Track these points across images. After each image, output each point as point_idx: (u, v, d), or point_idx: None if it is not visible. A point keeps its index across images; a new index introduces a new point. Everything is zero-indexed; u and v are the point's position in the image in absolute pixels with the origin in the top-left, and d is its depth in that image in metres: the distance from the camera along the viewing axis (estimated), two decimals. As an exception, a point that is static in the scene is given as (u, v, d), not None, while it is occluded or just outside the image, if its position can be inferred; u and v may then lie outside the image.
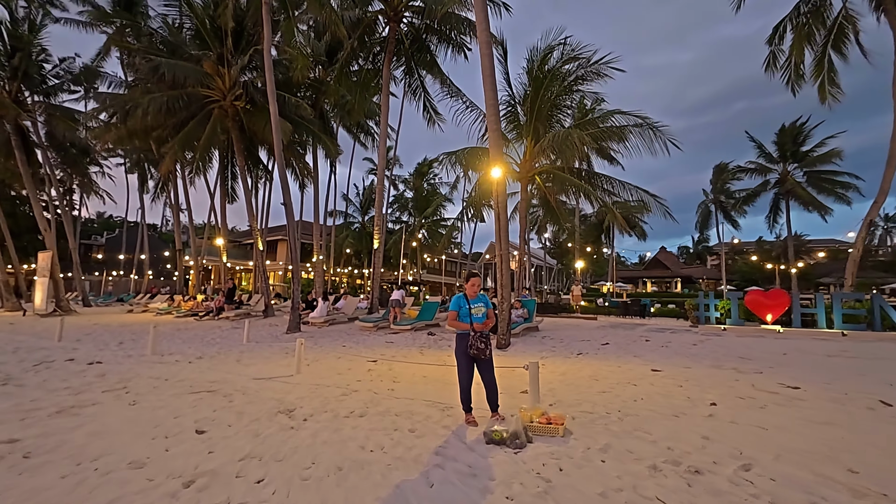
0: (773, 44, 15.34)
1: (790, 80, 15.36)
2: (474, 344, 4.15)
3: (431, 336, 10.76)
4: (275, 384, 5.84)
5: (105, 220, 65.81)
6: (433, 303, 13.49)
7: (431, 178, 41.31)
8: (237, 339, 10.72)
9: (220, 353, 8.63)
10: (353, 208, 41.83)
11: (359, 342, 10.08)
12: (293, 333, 11.73)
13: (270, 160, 21.15)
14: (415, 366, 7.08)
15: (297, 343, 6.46)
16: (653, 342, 9.61)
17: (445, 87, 17.63)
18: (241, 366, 7.24)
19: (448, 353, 8.51)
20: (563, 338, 10.46)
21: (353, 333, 11.80)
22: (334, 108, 19.93)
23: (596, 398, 5.07)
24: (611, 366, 7.03)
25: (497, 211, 8.36)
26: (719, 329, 11.69)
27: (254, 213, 16.15)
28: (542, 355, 8.15)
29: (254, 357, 8.09)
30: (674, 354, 8.07)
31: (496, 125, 8.20)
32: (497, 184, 8.32)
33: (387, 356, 8.08)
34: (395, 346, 9.34)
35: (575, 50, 13.08)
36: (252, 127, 15.96)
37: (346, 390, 5.47)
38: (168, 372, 6.63)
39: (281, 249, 39.05)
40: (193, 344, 9.89)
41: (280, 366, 7.18)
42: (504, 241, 8.45)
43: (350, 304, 15.16)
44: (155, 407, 4.70)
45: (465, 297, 4.38)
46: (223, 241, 20.34)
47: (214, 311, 15.97)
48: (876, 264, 46.31)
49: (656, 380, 5.99)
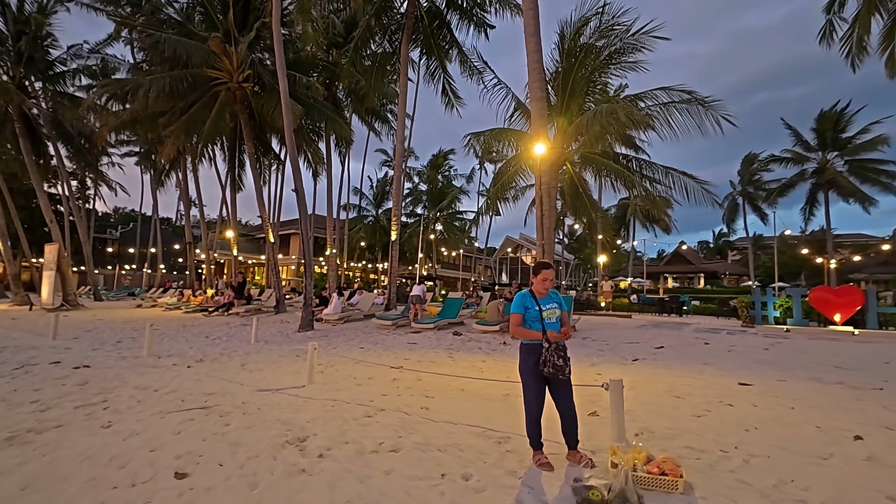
0: (830, 12, 13.81)
1: (850, 53, 13.83)
2: (549, 360, 3.04)
3: (458, 336, 9.67)
4: (282, 398, 4.81)
5: (122, 215, 66.17)
6: (456, 299, 12.40)
7: (446, 171, 40.16)
8: (245, 337, 9.78)
9: (223, 354, 7.66)
10: (366, 201, 40.92)
11: (377, 343, 9.04)
12: (305, 332, 10.77)
13: (282, 150, 20.25)
14: (447, 375, 6.00)
15: (310, 348, 5.41)
16: (713, 345, 8.38)
17: (466, 69, 16.50)
18: (245, 372, 6.24)
19: (482, 357, 7.42)
20: (608, 339, 9.28)
21: (371, 332, 10.78)
22: (348, 94, 18.87)
23: (692, 425, 3.93)
24: (682, 376, 5.86)
25: (540, 193, 7.21)
26: (781, 330, 10.38)
27: (263, 203, 15.23)
28: (591, 362, 7.01)
29: (261, 361, 7.10)
30: (749, 361, 6.85)
31: (540, 92, 7.04)
32: (541, 161, 7.16)
33: (411, 361, 7.01)
34: (419, 349, 8.28)
35: (614, 17, 11.74)
36: (261, 112, 14.97)
37: (369, 409, 4.42)
38: (160, 379, 5.66)
39: (294, 243, 38.37)
40: (196, 343, 8.95)
41: (289, 373, 6.16)
42: (549, 230, 7.31)
43: (366, 300, 14.16)
44: (131, 433, 3.70)
45: (532, 294, 3.27)
46: (233, 234, 19.51)
47: (224, 307, 15.13)
48: None
49: (753, 397, 4.82)
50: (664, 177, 12.98)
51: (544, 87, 7.17)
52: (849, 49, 13.77)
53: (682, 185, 12.52)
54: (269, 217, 17.57)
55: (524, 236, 59.10)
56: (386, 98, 20.56)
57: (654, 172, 12.91)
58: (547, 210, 7.17)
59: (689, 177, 12.38)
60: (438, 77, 16.90)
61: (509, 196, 16.64)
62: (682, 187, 12.60)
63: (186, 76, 12.98)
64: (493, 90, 14.13)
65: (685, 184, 12.63)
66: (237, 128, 16.55)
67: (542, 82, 7.16)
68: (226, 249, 28.59)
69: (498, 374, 6.06)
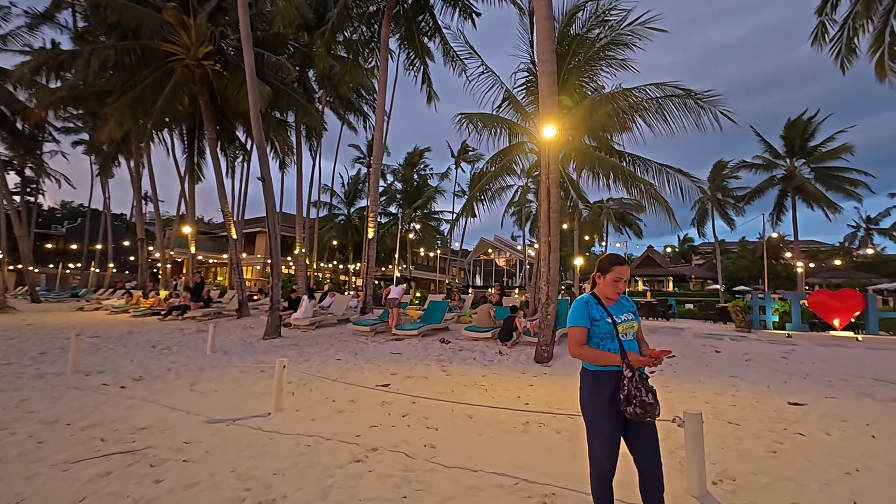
0: (823, 13, 13.67)
1: (840, 55, 13.74)
2: (635, 395, 2.10)
3: (446, 345, 8.67)
4: (241, 434, 3.68)
5: (70, 209, 61.50)
6: (440, 302, 11.39)
7: (422, 169, 39.11)
8: (199, 347, 8.44)
9: (170, 370, 6.37)
10: (337, 199, 39.31)
11: (356, 353, 7.93)
12: (272, 339, 9.51)
13: (248, 140, 18.66)
14: (448, 401, 4.99)
15: (277, 367, 4.29)
16: (726, 353, 7.74)
17: (449, 59, 15.57)
18: (195, 394, 5.03)
19: (480, 371, 6.45)
20: (610, 347, 8.52)
21: (347, 339, 9.63)
22: (321, 81, 17.53)
23: (777, 467, 3.09)
24: (720, 394, 5.08)
25: (547, 183, 6.33)
26: (782, 335, 9.93)
27: (226, 195, 13.74)
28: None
29: (216, 378, 5.87)
30: (777, 373, 6.19)
31: (551, 66, 6.14)
32: (549, 147, 6.28)
33: (400, 376, 5.96)
34: (406, 360, 7.23)
35: (611, 4, 11.10)
36: (224, 94, 13.50)
37: (357, 449, 3.36)
38: (80, 407, 4.40)
39: (259, 242, 36.39)
40: (139, 355, 7.57)
41: (252, 395, 5.00)
42: (557, 224, 6.42)
43: (340, 302, 12.94)
44: (10, 500, 2.53)
45: (599, 300, 2.33)
46: (191, 230, 17.78)
47: (179, 310, 13.55)
48: (858, 265, 46.20)
49: (818, 422, 4.06)
50: (658, 174, 12.43)
51: (555, 61, 6.30)
52: (838, 51, 13.68)
53: (676, 182, 11.99)
54: (231, 212, 16.04)
55: (499, 238, 58.74)
56: (362, 89, 19.36)
57: (647, 169, 12.33)
58: (554, 202, 6.30)
59: (684, 174, 11.86)
60: (419, 67, 15.89)
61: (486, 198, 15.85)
62: (676, 185, 12.06)
63: (135, 48, 11.36)
64: (480, 78, 13.23)
65: (679, 182, 12.12)
66: (196, 112, 14.98)
67: (552, 54, 6.30)
68: (184, 247, 26.53)
69: (507, 395, 5.11)
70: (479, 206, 15.75)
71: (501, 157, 14.35)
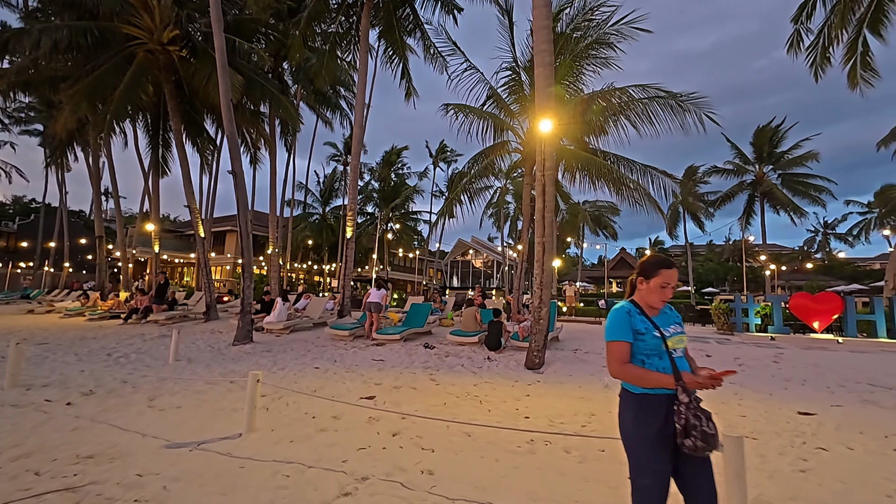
0: (798, 22, 13.95)
1: (815, 63, 14.05)
2: (694, 425, 1.75)
3: (431, 350, 8.24)
4: (205, 462, 3.17)
5: (24, 205, 57.83)
6: (423, 305, 10.93)
7: (399, 168, 38.52)
8: (161, 354, 7.74)
9: (126, 382, 5.71)
10: (311, 198, 38.26)
11: (335, 360, 7.40)
12: (242, 345, 8.86)
13: (218, 134, 17.70)
14: (443, 419, 4.58)
15: (250, 381, 3.77)
16: (717, 357, 7.60)
17: (430, 55, 15.19)
18: (153, 412, 4.44)
19: (471, 380, 6.04)
20: (601, 351, 8.27)
21: (325, 345, 9.07)
22: (296, 73, 16.77)
23: (810, 489, 2.82)
24: (725, 402, 4.84)
25: (542, 180, 5.99)
26: (765, 338, 9.95)
27: (192, 190, 12.86)
28: (603, 383, 5.87)
29: (179, 391, 5.27)
30: (774, 379, 6.05)
31: (549, 56, 5.79)
32: (545, 143, 5.94)
33: (385, 387, 5.50)
34: (390, 368, 6.77)
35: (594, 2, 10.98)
36: (192, 83, 12.65)
37: (344, 479, 2.91)
38: (13, 430, 3.77)
39: (229, 241, 34.99)
40: (92, 364, 6.84)
41: (219, 411, 4.45)
42: (550, 224, 6.09)
43: (316, 305, 12.30)
44: None
45: (640, 309, 1.97)
46: (155, 227, 16.69)
47: (140, 313, 12.63)
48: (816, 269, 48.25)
49: (834, 434, 3.84)
50: (642, 175, 12.38)
51: (552, 51, 5.98)
52: (813, 59, 13.98)
53: (660, 184, 11.96)
54: (199, 209, 15.16)
55: (476, 239, 58.69)
56: (338, 84, 18.69)
57: (631, 170, 12.25)
58: (549, 200, 5.99)
59: (669, 176, 11.84)
60: (398, 62, 15.41)
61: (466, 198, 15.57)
62: (660, 187, 12.03)
63: (92, 29, 10.40)
64: (464, 75, 12.89)
65: (663, 183, 12.09)
66: (161, 101, 14.03)
67: (549, 44, 5.97)
68: (148, 246, 25.14)
69: (504, 407, 4.73)
70: (459, 206, 15.43)
71: (484, 156, 14.06)
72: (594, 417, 4.34)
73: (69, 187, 30.76)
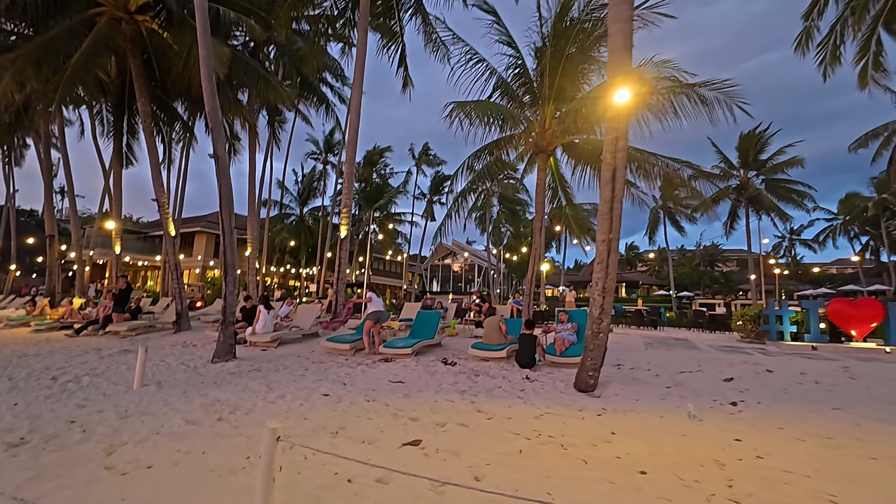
0: (809, 19, 13.54)
1: (824, 62, 13.68)
2: None
3: (452, 367, 7.03)
4: None
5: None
6: (432, 313, 9.68)
7: (382, 169, 37.14)
8: (124, 377, 6.23)
9: (76, 421, 4.26)
10: (289, 198, 36.39)
11: (344, 382, 6.09)
12: (224, 362, 7.41)
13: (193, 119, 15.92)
14: (517, 463, 3.39)
15: (265, 439, 2.47)
16: (780, 372, 6.71)
17: (430, 42, 14.08)
18: (111, 478, 3.07)
19: (527, 408, 4.83)
20: (640, 363, 7.24)
21: (322, 360, 7.73)
22: (280, 56, 15.23)
23: None
24: (860, 440, 3.85)
25: (612, 166, 4.87)
26: (804, 347, 9.22)
27: (161, 182, 11.17)
28: (687, 411, 4.79)
29: (147, 437, 3.87)
30: (877, 401, 5.13)
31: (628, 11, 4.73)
32: (617, 118, 4.83)
33: (425, 423, 4.25)
34: (415, 392, 5.52)
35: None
36: (164, 61, 11.09)
37: None
38: None
39: (198, 243, 32.76)
40: (30, 393, 5.30)
41: (210, 474, 3.11)
42: (619, 217, 5.00)
43: (306, 313, 10.86)
44: None
45: None
46: (116, 225, 14.79)
47: (97, 323, 10.90)
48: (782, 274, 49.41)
49: None
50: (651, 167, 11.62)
51: (632, 3, 4.90)
52: (823, 57, 13.60)
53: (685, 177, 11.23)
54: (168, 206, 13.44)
55: (457, 243, 57.69)
56: (326, 69, 17.29)
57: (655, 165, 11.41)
58: (619, 188, 4.91)
59: (694, 168, 11.18)
60: (396, 48, 14.23)
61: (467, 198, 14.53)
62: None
63: (42, -14, 8.77)
64: (468, 65, 11.84)
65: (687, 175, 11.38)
66: (127, 82, 12.33)
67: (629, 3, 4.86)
68: (107, 247, 22.88)
69: (596, 454, 3.57)
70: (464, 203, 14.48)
71: (487, 153, 13.01)
72: (726, 469, 3.24)
73: (19, 185, 27.96)
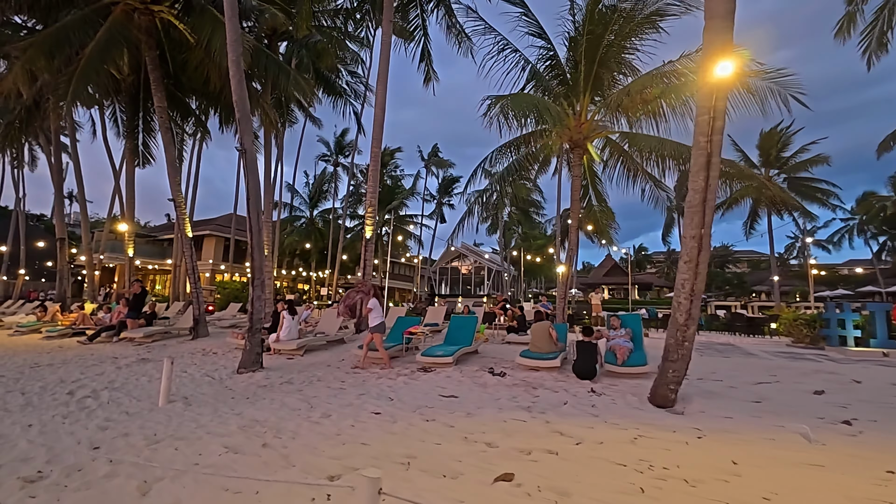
0: (852, 2, 12.85)
1: (868, 49, 12.99)
2: None
3: (502, 378, 6.41)
4: None
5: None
6: (468, 318, 9.04)
7: (393, 170, 36.66)
8: (145, 391, 5.66)
9: (100, 448, 3.67)
10: (299, 200, 35.98)
11: (390, 396, 5.48)
12: (251, 372, 6.83)
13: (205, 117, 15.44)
14: None
15: (365, 491, 1.87)
16: (868, 384, 6.02)
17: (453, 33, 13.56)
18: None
19: (605, 428, 4.18)
20: (718, 375, 6.57)
21: (358, 373, 7.15)
22: (298, 50, 14.71)
23: None
24: None
25: (706, 151, 4.23)
26: (874, 354, 8.52)
27: (178, 179, 10.63)
28: (801, 433, 4.13)
29: (187, 470, 3.27)
30: None
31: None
32: (716, 96, 4.20)
33: (507, 450, 3.63)
34: (475, 409, 4.91)
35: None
36: (179, 54, 10.58)
37: None
38: None
39: (208, 246, 32.37)
40: (47, 411, 4.73)
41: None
42: (712, 210, 4.38)
43: (330, 319, 10.27)
44: None
45: None
46: (128, 227, 14.30)
47: (112, 330, 10.37)
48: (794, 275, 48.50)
49: None
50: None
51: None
52: (867, 45, 12.91)
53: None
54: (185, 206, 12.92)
55: (465, 245, 57.04)
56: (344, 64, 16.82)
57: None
58: (714, 176, 4.29)
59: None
60: (419, 40, 13.70)
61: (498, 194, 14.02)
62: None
63: (55, -28, 8.30)
64: (500, 56, 11.28)
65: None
66: (142, 77, 11.86)
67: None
68: (117, 251, 22.48)
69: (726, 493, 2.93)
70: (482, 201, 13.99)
71: (514, 148, 12.41)
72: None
73: (28, 190, 27.71)
